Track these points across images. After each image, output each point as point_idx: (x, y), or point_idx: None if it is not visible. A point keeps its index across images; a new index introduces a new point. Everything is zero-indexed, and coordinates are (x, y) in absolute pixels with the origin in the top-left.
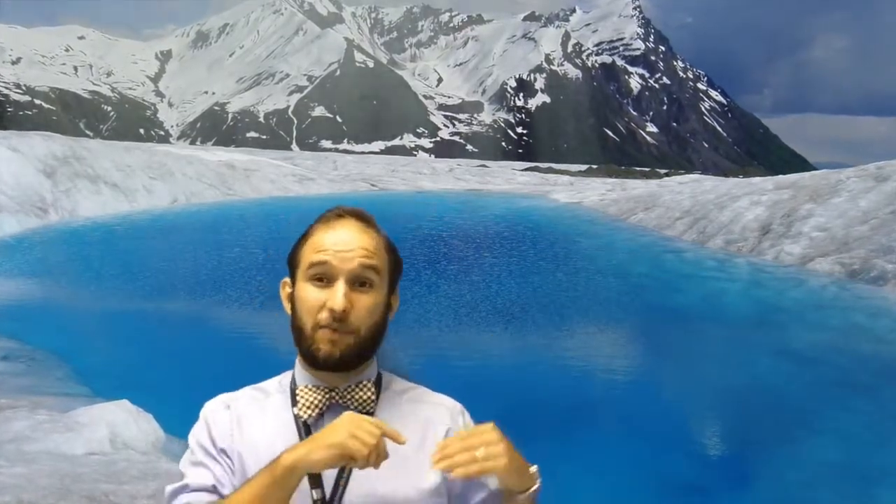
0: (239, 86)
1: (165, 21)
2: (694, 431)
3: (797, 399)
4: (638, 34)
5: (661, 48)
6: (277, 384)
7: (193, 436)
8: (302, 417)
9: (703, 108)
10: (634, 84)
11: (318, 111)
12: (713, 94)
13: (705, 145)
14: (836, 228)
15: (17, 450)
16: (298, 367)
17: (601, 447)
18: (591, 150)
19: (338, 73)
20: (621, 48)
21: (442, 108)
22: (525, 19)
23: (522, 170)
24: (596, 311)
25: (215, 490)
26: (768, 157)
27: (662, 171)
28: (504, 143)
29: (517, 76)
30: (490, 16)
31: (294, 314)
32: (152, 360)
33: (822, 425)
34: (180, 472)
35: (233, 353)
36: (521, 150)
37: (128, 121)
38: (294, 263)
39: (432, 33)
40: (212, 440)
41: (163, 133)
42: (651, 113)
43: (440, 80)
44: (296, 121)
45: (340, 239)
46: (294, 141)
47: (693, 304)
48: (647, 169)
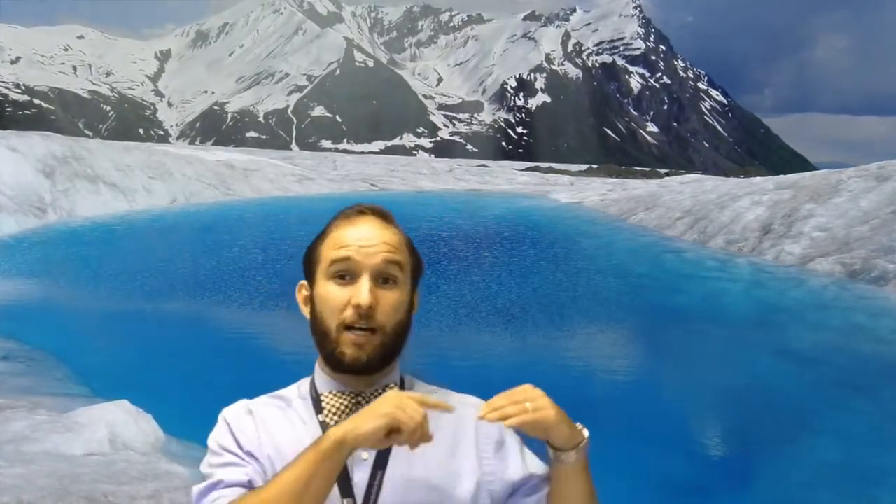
0: (238, 85)
1: (165, 20)
2: (694, 431)
3: (798, 399)
4: (638, 34)
5: (662, 48)
6: (297, 392)
7: (216, 440)
8: (329, 425)
9: (703, 108)
10: (635, 84)
11: (318, 111)
12: (714, 93)
13: (706, 145)
14: (836, 228)
15: (16, 450)
16: (319, 373)
17: (601, 447)
18: (592, 150)
19: (337, 72)
20: (622, 48)
21: (442, 107)
22: (525, 19)
23: (523, 170)
24: (596, 312)
25: (251, 485)
26: (769, 156)
27: (663, 170)
28: (504, 143)
29: (517, 76)
30: (490, 15)
31: (315, 316)
32: (152, 361)
33: (823, 425)
34: (204, 476)
35: (232, 353)
36: (521, 150)
37: (127, 120)
38: (312, 263)
39: (432, 33)
40: (237, 444)
41: (162, 133)
42: (651, 112)
43: (440, 80)
44: (295, 120)
45: (363, 234)
46: (293, 141)
47: (693, 304)
48: (647, 169)
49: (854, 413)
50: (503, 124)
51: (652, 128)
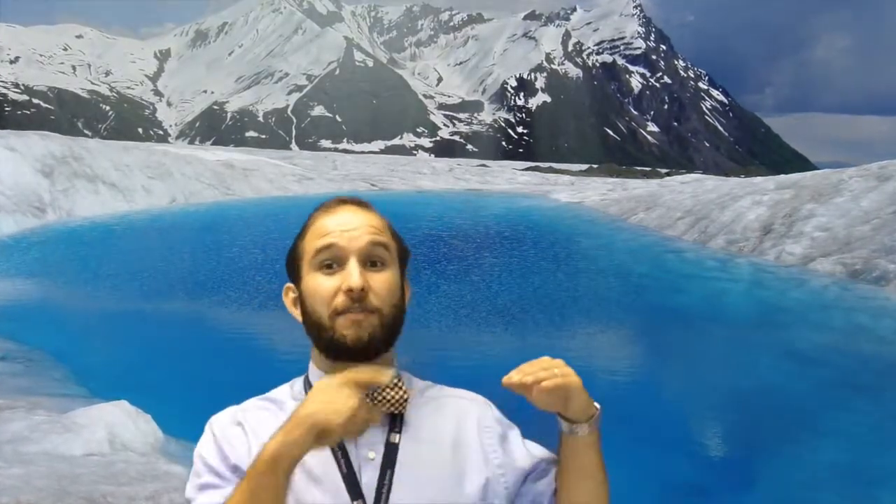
0: (238, 85)
1: (164, 20)
2: (695, 432)
3: (799, 400)
4: (639, 33)
5: (662, 47)
6: (290, 393)
7: (200, 455)
8: None
9: (704, 108)
10: (635, 83)
11: (318, 110)
12: (714, 93)
13: (706, 145)
14: (837, 228)
15: (14, 451)
16: (314, 371)
17: (602, 448)
18: (592, 150)
19: (337, 72)
20: (622, 47)
21: (442, 107)
22: (525, 18)
23: (523, 169)
24: (597, 312)
25: None
26: (770, 156)
27: (663, 170)
28: (504, 143)
29: (517, 75)
30: (490, 14)
31: (306, 312)
32: (151, 361)
33: (824, 426)
34: (187, 500)
35: (232, 353)
36: (521, 150)
37: (126, 120)
38: (296, 259)
39: (432, 32)
40: (223, 457)
41: (161, 132)
42: (652, 112)
43: (440, 80)
44: (295, 120)
45: (344, 220)
46: (293, 140)
47: (694, 305)
48: (647, 168)
49: (855, 413)
50: (503, 124)
51: (652, 127)
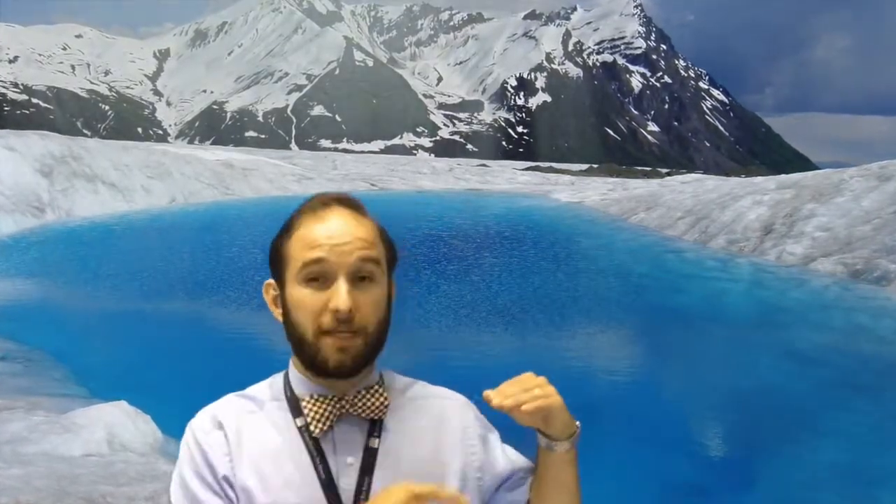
0: (237, 85)
1: (163, 19)
2: (695, 432)
3: (799, 400)
4: (639, 33)
5: (663, 47)
6: (269, 392)
7: (183, 467)
8: (314, 434)
9: (704, 108)
10: (636, 83)
11: (318, 110)
12: (715, 92)
13: (707, 144)
14: (838, 228)
15: (13, 451)
16: (295, 373)
17: (602, 449)
18: (592, 150)
19: (337, 71)
20: (622, 47)
21: (442, 107)
22: (525, 18)
23: (523, 169)
24: (597, 312)
25: None
26: (770, 156)
27: (664, 170)
28: (504, 143)
29: (518, 75)
30: (490, 14)
31: (289, 321)
32: (150, 361)
33: (825, 426)
34: None
35: (231, 353)
36: (521, 150)
37: (125, 120)
38: (280, 262)
39: (432, 32)
40: (211, 469)
41: (161, 132)
42: (652, 112)
43: (440, 79)
44: (295, 120)
45: (334, 231)
46: (293, 140)
47: (695, 305)
48: (648, 168)
49: (855, 413)
50: (503, 124)
51: (653, 127)
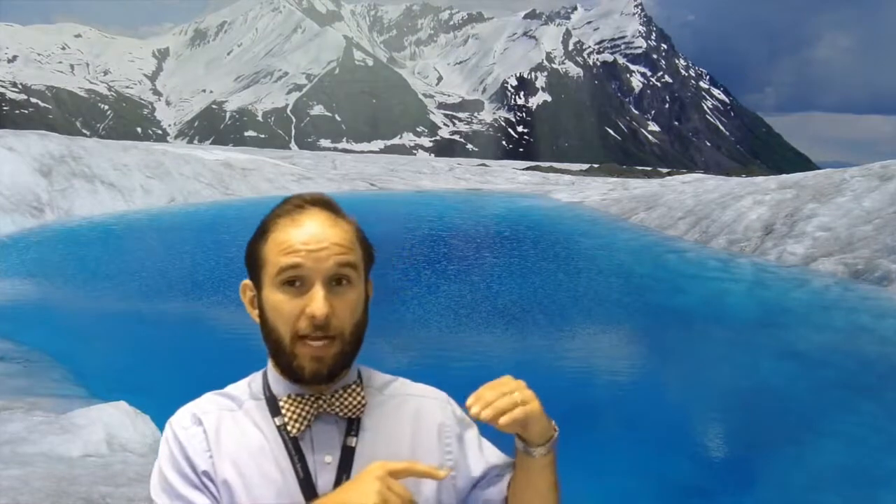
0: (237, 84)
1: (163, 19)
2: (697, 433)
3: (801, 401)
4: (640, 32)
5: (663, 46)
6: (248, 391)
7: (163, 463)
8: (292, 433)
9: (705, 107)
10: (636, 82)
11: (317, 110)
12: (716, 92)
13: (707, 144)
14: (839, 228)
15: (12, 452)
16: (273, 373)
17: (603, 449)
18: (593, 150)
19: (337, 71)
20: (623, 46)
21: (442, 106)
22: (526, 17)
23: (523, 169)
24: (597, 312)
25: None
26: (771, 156)
27: (664, 170)
28: (504, 142)
29: (518, 74)
30: (490, 13)
31: (266, 325)
32: (149, 361)
33: (827, 427)
34: None
35: (230, 353)
36: (521, 149)
37: (125, 119)
38: (256, 265)
39: (432, 31)
40: (190, 464)
41: (160, 132)
42: (653, 112)
43: (440, 79)
44: (294, 119)
45: (311, 235)
46: (292, 140)
47: (695, 305)
48: (648, 168)
49: (858, 415)
50: (503, 123)
51: (653, 127)
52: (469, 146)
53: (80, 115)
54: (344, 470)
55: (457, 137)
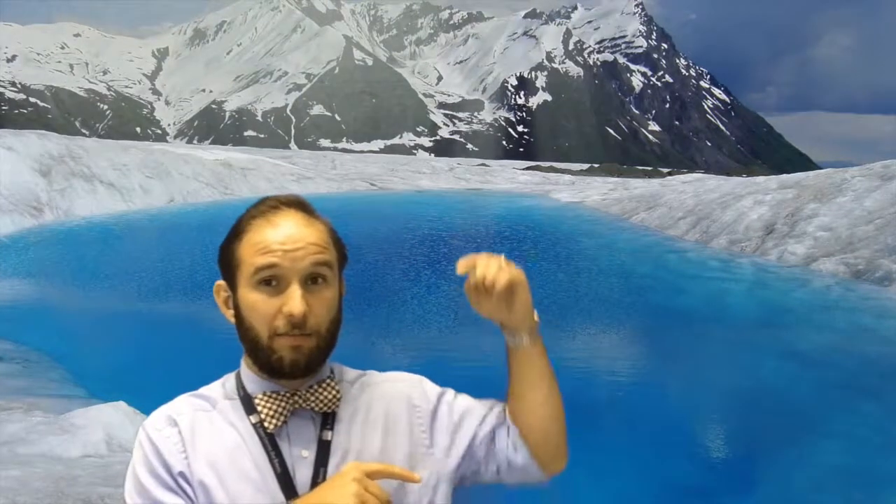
0: (236, 84)
1: (162, 19)
2: (698, 434)
3: (802, 401)
4: (640, 32)
5: (664, 46)
6: (222, 391)
7: (138, 467)
8: (269, 429)
9: (706, 107)
10: (636, 82)
11: (317, 109)
12: (716, 92)
13: (708, 144)
14: (840, 228)
15: (11, 452)
16: (248, 373)
17: (603, 450)
18: (593, 149)
19: (336, 70)
20: (623, 46)
21: (442, 106)
22: (526, 17)
23: (523, 169)
24: (598, 312)
25: None
26: (772, 155)
27: (665, 170)
28: (505, 142)
29: (518, 74)
30: (490, 13)
31: (242, 324)
32: (149, 362)
33: (828, 428)
34: None
35: (230, 353)
36: (521, 149)
37: (124, 119)
38: (231, 265)
39: (432, 31)
40: (166, 466)
41: (159, 131)
42: (653, 111)
43: (440, 78)
44: (294, 119)
45: (287, 235)
46: (292, 139)
47: (696, 305)
48: (649, 168)
49: (860, 415)
50: (504, 123)
51: (654, 126)
52: (469, 146)
53: (80, 114)
54: (321, 463)
55: (457, 137)
